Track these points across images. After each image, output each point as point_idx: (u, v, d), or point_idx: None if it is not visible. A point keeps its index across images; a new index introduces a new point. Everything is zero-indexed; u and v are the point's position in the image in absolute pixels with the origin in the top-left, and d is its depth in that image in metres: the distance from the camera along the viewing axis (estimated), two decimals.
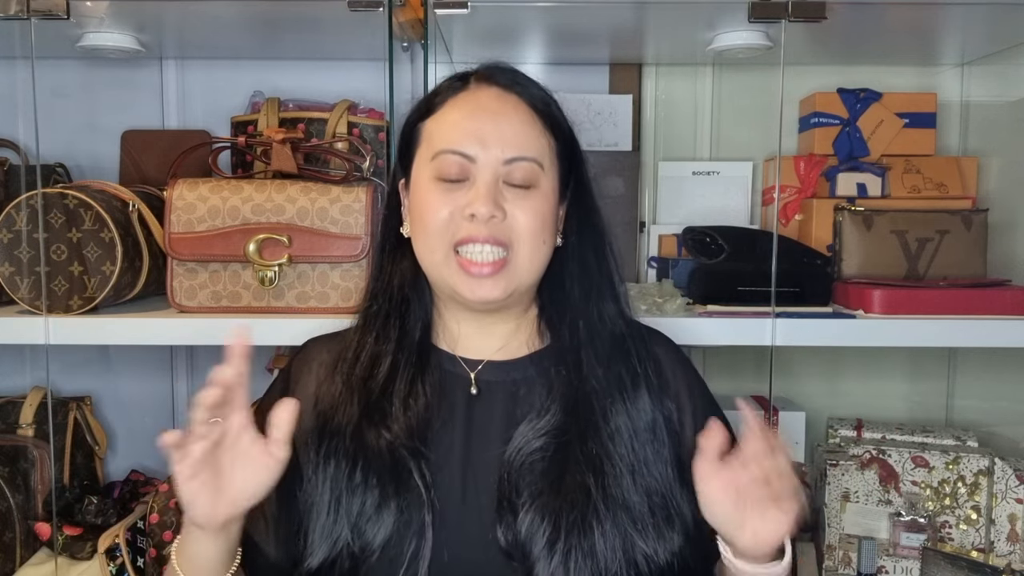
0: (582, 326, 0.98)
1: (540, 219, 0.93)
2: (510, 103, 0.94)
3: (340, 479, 0.92)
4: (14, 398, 1.58)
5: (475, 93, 0.95)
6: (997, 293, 1.40)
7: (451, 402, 0.97)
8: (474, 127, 0.92)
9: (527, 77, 0.98)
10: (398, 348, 0.98)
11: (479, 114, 0.93)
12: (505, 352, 1.00)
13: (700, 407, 1.03)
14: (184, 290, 1.32)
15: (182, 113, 1.76)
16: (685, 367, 1.05)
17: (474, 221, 0.91)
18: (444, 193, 0.92)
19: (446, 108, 0.95)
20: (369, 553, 0.90)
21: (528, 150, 0.93)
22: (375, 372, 0.97)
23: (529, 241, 0.93)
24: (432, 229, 0.93)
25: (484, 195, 0.90)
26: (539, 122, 0.95)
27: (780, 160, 1.56)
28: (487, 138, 0.92)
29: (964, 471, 1.49)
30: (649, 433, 0.96)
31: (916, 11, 1.40)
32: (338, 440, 0.94)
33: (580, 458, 0.92)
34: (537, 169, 0.93)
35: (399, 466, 0.92)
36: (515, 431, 0.94)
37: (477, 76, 0.97)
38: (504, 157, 0.92)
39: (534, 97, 0.96)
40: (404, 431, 0.93)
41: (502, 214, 0.91)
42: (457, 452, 0.95)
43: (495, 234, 0.91)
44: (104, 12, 1.38)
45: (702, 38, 1.50)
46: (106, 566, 1.36)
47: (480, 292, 0.93)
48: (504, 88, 0.95)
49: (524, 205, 0.92)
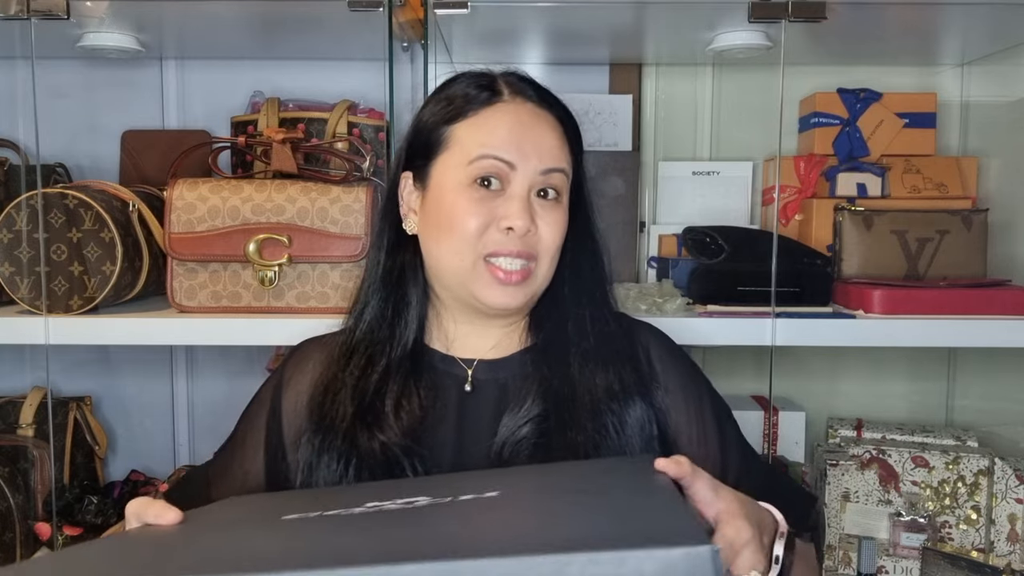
0: (570, 325, 1.00)
1: (561, 233, 0.97)
2: (545, 121, 0.98)
3: (332, 479, 0.93)
4: (14, 398, 1.58)
5: (511, 105, 0.97)
6: (997, 293, 1.40)
7: (444, 401, 0.98)
8: (515, 137, 0.95)
9: (552, 94, 1.02)
10: (391, 348, 0.99)
11: (517, 126, 0.96)
12: (497, 350, 1.01)
13: (694, 396, 1.03)
14: (184, 290, 1.32)
15: (182, 113, 1.76)
16: (676, 358, 1.05)
17: (509, 235, 0.93)
18: (478, 201, 0.94)
19: (483, 116, 0.97)
20: None
21: (561, 162, 0.97)
22: (368, 372, 0.98)
23: (551, 255, 0.97)
24: (462, 235, 0.94)
25: (520, 209, 0.93)
26: (567, 142, 0.99)
27: (780, 160, 1.56)
28: (526, 149, 0.95)
29: (964, 471, 1.49)
30: (638, 430, 0.96)
31: (916, 11, 1.40)
32: (331, 439, 0.95)
33: (564, 448, 0.92)
34: (566, 181, 0.98)
35: (392, 464, 0.92)
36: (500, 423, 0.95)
37: (510, 88, 0.99)
38: (542, 167, 0.95)
39: (564, 116, 1.00)
40: (397, 431, 0.94)
41: (535, 228, 0.95)
42: (449, 449, 0.96)
43: (527, 248, 0.94)
44: (104, 12, 1.38)
45: (702, 38, 1.50)
46: None
47: (504, 299, 0.95)
48: (537, 105, 0.98)
49: (550, 219, 0.96)
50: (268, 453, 1.02)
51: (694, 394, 1.03)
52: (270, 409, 1.03)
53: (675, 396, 1.02)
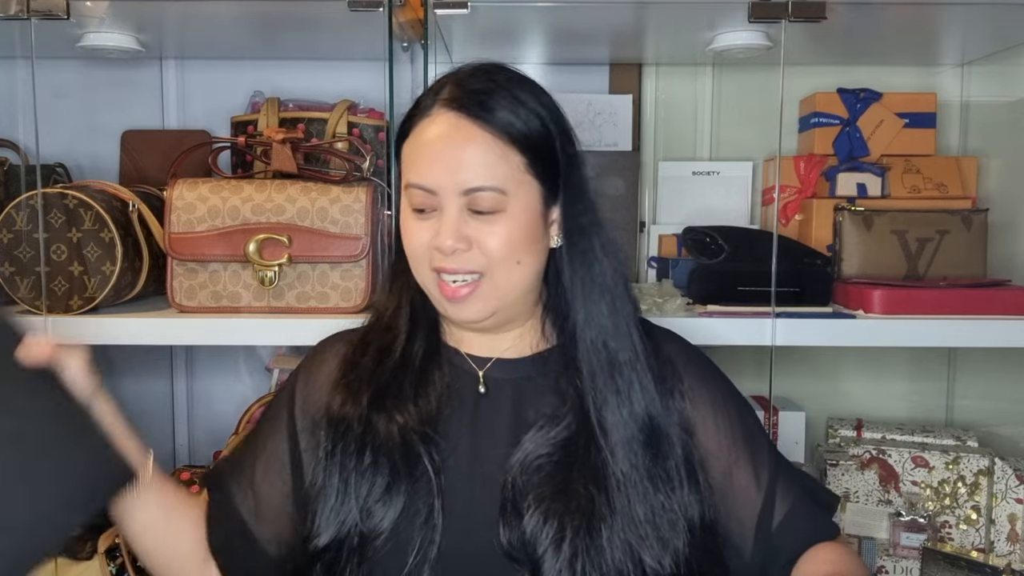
0: (581, 331, 0.98)
1: (510, 242, 0.93)
2: (466, 132, 0.91)
3: (349, 462, 0.94)
4: None
5: (436, 120, 0.93)
6: (997, 293, 1.40)
7: (460, 396, 0.98)
8: (433, 158, 0.92)
9: (498, 88, 0.94)
10: (408, 341, 1.00)
11: (438, 144, 0.92)
12: (513, 351, 1.01)
13: (718, 402, 1.02)
14: (184, 290, 1.32)
15: (182, 113, 1.76)
16: (699, 364, 1.05)
17: (443, 253, 0.93)
18: (418, 221, 0.94)
19: (414, 134, 0.95)
20: (377, 534, 0.91)
21: (487, 179, 0.91)
22: (385, 360, 0.99)
23: (502, 264, 0.93)
24: (413, 255, 0.96)
25: (446, 230, 0.91)
26: (501, 145, 0.92)
27: (780, 160, 1.56)
28: (448, 169, 0.91)
29: (964, 471, 1.49)
30: (654, 445, 0.95)
31: (916, 11, 1.40)
32: (348, 424, 0.96)
33: (585, 466, 0.92)
34: (499, 196, 0.92)
35: (409, 450, 0.93)
36: (524, 436, 0.95)
37: (444, 98, 0.94)
38: (463, 188, 0.91)
39: (498, 120, 0.92)
40: (415, 417, 0.95)
41: (466, 244, 0.92)
42: (466, 444, 0.96)
43: (463, 265, 0.92)
44: (104, 12, 1.38)
45: (702, 38, 1.50)
46: (106, 566, 1.36)
47: (463, 314, 0.95)
48: (465, 114, 0.92)
49: (491, 231, 0.92)
50: (289, 435, 1.03)
51: (719, 396, 1.02)
52: (289, 396, 1.04)
53: (700, 399, 1.01)
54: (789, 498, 0.99)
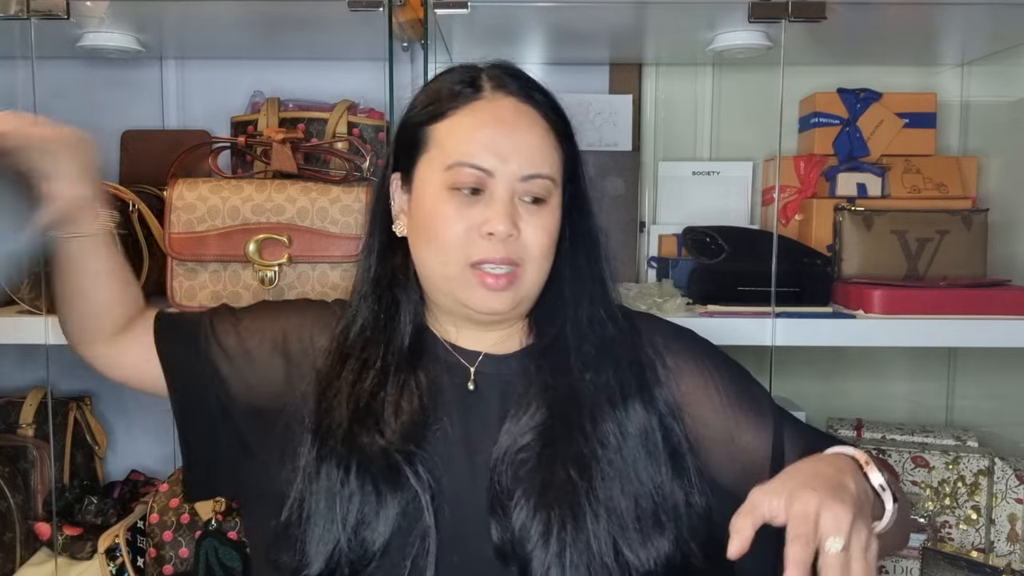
0: (569, 327, 0.98)
1: (549, 237, 0.94)
2: (527, 117, 0.93)
3: (334, 486, 0.91)
4: (14, 398, 1.58)
5: (491, 103, 0.93)
6: (997, 293, 1.40)
7: (446, 396, 0.97)
8: (492, 140, 0.91)
9: (539, 85, 0.97)
10: (387, 351, 0.97)
11: (497, 127, 0.92)
12: (501, 346, 1.00)
13: (707, 369, 1.01)
14: (184, 290, 1.32)
15: (182, 113, 1.76)
16: (682, 337, 1.04)
17: (491, 240, 0.91)
18: (460, 207, 0.92)
19: (459, 115, 0.93)
20: (368, 559, 0.89)
21: (544, 166, 0.93)
22: (363, 376, 0.96)
23: (538, 259, 0.94)
24: (446, 243, 0.92)
25: (503, 213, 0.90)
26: (553, 136, 0.94)
27: (780, 160, 1.56)
28: (505, 152, 0.91)
29: (964, 471, 1.49)
30: (640, 438, 0.95)
31: (916, 11, 1.40)
32: (331, 445, 0.93)
33: (567, 457, 0.92)
34: (551, 185, 0.94)
35: (394, 470, 0.91)
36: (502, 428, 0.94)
37: (492, 83, 0.95)
38: (522, 173, 0.91)
39: (549, 110, 0.95)
40: (398, 435, 0.92)
41: (517, 232, 0.92)
42: (457, 449, 0.94)
43: (510, 254, 0.92)
44: (104, 12, 1.38)
45: (702, 38, 1.50)
46: (106, 566, 1.36)
47: (492, 304, 0.93)
48: (521, 100, 0.94)
49: (536, 223, 0.93)
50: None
51: (707, 362, 1.02)
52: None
53: (687, 370, 1.01)
54: (799, 446, 0.98)
